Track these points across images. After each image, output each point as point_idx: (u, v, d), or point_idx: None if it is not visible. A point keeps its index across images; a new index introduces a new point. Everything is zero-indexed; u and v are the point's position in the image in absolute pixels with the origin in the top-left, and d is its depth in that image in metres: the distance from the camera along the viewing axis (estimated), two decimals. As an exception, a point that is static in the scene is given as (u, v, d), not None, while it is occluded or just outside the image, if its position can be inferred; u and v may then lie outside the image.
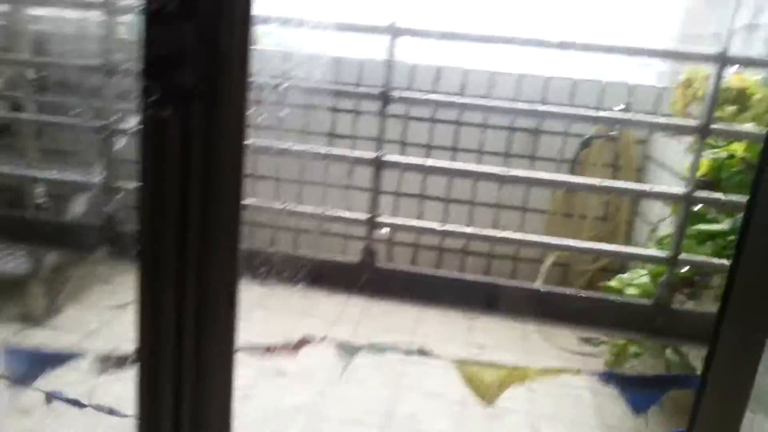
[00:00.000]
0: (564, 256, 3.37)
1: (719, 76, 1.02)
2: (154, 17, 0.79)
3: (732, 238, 1.69)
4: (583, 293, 1.12)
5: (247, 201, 1.32)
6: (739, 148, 1.73)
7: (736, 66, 1.13)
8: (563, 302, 1.13)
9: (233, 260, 0.95)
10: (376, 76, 3.24)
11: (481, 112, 3.14)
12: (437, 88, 3.25)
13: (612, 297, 1.21)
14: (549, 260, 3.30)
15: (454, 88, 3.25)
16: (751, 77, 2.34)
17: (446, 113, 3.28)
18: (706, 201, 1.13)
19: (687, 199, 1.09)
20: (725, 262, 1.22)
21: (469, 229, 1.25)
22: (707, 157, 1.99)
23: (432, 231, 1.26)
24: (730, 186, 1.64)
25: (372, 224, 1.23)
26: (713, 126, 1.05)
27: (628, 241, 3.27)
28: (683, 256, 1.10)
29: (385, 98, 1.14)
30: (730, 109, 2.00)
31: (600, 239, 3.35)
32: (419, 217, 3.40)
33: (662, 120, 1.41)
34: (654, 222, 2.94)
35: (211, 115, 0.82)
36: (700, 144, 1.07)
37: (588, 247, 1.20)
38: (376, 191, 1.22)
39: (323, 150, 1.21)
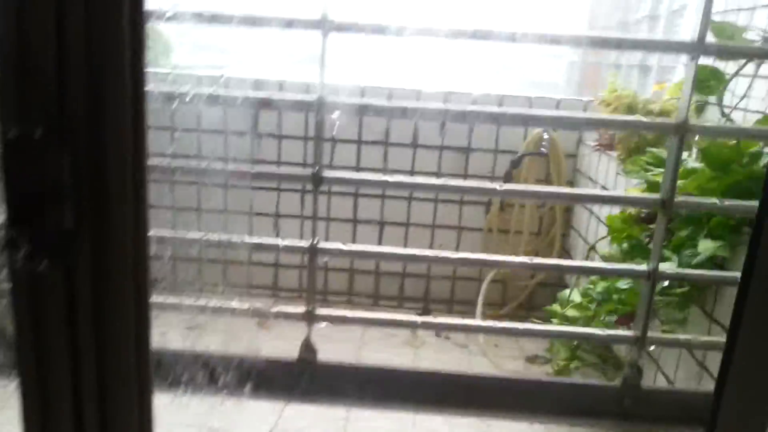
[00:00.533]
0: (501, 272, 3.34)
1: (680, 150, 0.95)
2: (14, 148, 0.61)
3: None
4: (543, 379, 1.03)
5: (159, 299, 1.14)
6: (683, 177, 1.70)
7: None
8: (521, 390, 1.04)
9: (145, 397, 0.78)
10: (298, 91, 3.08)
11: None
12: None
13: (575, 381, 1.12)
14: (488, 279, 3.27)
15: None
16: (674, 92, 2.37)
17: (375, 134, 3.16)
18: (671, 277, 1.07)
19: (651, 276, 1.01)
20: (692, 337, 1.16)
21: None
22: (641, 185, 1.97)
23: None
24: (672, 219, 1.60)
25: (309, 317, 1.09)
26: (678, 200, 0.98)
27: (563, 256, 3.27)
28: (651, 334, 1.03)
29: (316, 180, 1.00)
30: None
31: (536, 254, 3.35)
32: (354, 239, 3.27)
33: (627, 194, 1.34)
34: (587, 236, 2.95)
35: (101, 262, 0.65)
36: (663, 222, 0.99)
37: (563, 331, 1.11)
38: (312, 280, 1.08)
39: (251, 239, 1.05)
